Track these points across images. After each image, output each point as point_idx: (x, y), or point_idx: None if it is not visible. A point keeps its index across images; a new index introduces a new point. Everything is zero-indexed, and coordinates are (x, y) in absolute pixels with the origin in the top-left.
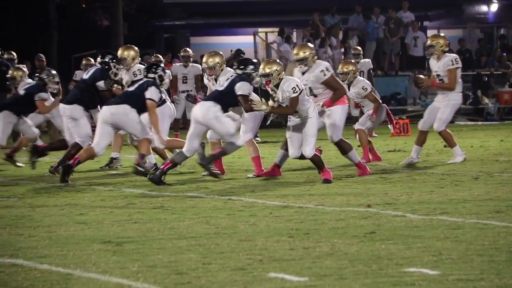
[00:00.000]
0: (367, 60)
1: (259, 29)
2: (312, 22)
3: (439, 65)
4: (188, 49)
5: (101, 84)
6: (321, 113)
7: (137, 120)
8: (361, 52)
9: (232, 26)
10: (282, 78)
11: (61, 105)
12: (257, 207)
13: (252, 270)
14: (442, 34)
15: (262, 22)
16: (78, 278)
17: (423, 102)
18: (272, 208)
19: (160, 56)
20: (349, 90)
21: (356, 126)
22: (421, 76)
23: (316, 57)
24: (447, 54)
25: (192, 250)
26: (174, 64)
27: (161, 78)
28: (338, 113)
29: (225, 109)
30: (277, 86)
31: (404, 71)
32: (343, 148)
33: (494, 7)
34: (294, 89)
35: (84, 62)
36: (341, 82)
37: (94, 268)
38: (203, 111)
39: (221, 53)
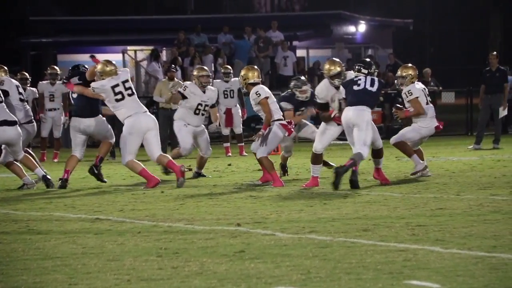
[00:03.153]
0: (237, 79)
1: (128, 47)
2: (178, 41)
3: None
4: (55, 66)
5: None
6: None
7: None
8: (231, 71)
9: (100, 44)
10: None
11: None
12: (126, 226)
13: None
14: (411, 65)
15: (131, 40)
16: None
17: None
18: (141, 227)
19: (26, 74)
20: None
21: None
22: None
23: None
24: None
25: (58, 271)
26: (40, 82)
27: None
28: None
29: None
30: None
31: (274, 90)
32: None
33: (362, 27)
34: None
35: None
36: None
37: None
38: (357, 114)
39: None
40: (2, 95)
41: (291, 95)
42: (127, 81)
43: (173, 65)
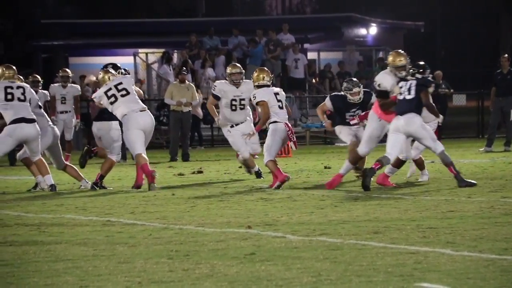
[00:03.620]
0: (249, 81)
1: (140, 50)
2: (190, 44)
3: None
4: (66, 69)
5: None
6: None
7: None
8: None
9: (112, 46)
10: None
11: None
12: (137, 229)
13: None
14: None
15: (142, 43)
16: None
17: (304, 123)
18: (151, 229)
19: (38, 77)
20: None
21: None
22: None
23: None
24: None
25: (69, 273)
26: (52, 85)
27: None
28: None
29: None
30: None
31: (285, 92)
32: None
33: (373, 30)
34: None
35: None
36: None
37: None
38: (408, 122)
39: None
40: (26, 96)
41: (342, 97)
42: (120, 83)
43: (184, 68)
